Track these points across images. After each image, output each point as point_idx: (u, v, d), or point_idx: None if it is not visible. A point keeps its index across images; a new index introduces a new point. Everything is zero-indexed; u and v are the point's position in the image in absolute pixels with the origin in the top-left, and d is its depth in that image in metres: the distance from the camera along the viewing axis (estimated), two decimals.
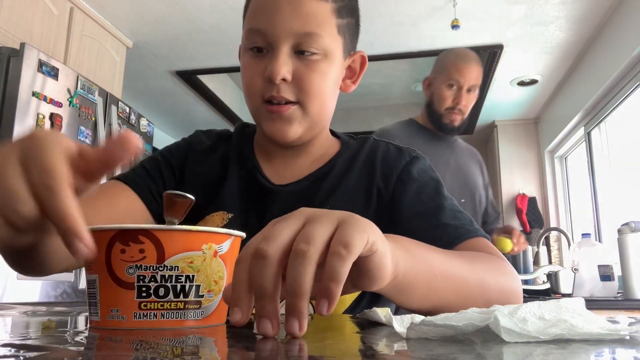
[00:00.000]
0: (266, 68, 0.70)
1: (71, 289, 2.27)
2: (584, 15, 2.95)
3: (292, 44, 0.70)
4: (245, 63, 0.74)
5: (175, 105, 4.37)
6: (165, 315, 0.43)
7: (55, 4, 2.61)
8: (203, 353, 0.34)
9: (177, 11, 2.96)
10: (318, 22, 0.70)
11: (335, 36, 0.72)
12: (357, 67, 0.81)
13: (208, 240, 0.45)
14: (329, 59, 0.72)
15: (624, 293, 2.14)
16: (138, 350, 0.34)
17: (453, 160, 1.88)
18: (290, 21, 0.68)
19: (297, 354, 0.33)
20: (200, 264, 0.44)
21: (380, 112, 4.74)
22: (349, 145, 0.83)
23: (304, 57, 0.70)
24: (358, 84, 0.83)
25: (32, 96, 2.11)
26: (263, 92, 0.71)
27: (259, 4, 0.72)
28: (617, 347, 0.33)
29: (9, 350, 0.33)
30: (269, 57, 0.70)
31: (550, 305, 0.37)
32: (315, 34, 0.69)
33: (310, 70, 0.70)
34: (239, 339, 0.43)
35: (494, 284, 0.61)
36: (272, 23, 0.69)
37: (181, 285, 0.44)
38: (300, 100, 0.71)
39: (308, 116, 0.73)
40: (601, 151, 3.48)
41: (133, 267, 0.43)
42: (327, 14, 0.71)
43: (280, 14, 0.69)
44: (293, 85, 0.70)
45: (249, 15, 0.73)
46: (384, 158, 0.80)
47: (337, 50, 0.73)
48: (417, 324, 0.36)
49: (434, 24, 3.09)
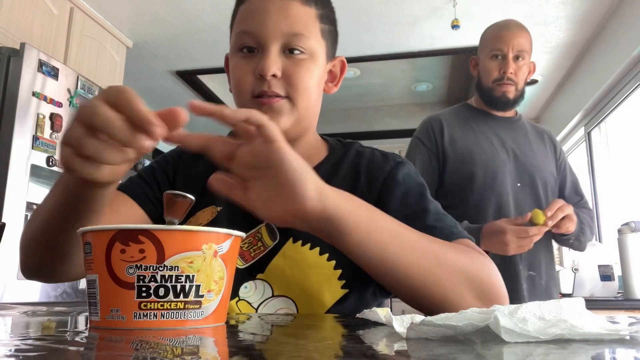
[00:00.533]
0: (257, 66, 0.75)
1: (71, 289, 2.27)
2: (584, 15, 2.95)
3: (281, 44, 0.75)
4: (236, 63, 0.78)
5: (175, 105, 4.32)
6: (165, 315, 0.43)
7: (55, 4, 2.61)
8: (203, 353, 0.34)
9: (177, 11, 2.96)
10: (304, 24, 0.76)
11: (319, 39, 0.79)
12: (337, 71, 0.87)
13: (208, 240, 0.45)
14: (314, 59, 0.78)
15: (624, 293, 2.14)
16: (138, 350, 0.34)
17: (511, 141, 1.71)
18: (280, 23, 0.75)
19: (297, 354, 0.33)
20: (201, 263, 0.44)
21: (380, 112, 4.73)
22: (334, 152, 0.86)
23: (292, 56, 0.76)
24: (358, 86, 0.86)
25: (32, 96, 2.11)
26: (253, 88, 0.76)
27: (249, 9, 0.78)
28: (617, 347, 0.33)
29: (9, 350, 0.33)
30: (259, 56, 0.76)
31: (550, 305, 0.37)
32: (302, 34, 0.76)
33: (298, 67, 0.76)
34: (239, 339, 0.43)
35: (454, 261, 0.64)
36: (262, 25, 0.75)
37: (181, 285, 0.44)
38: (289, 94, 0.76)
39: (296, 110, 0.77)
40: (601, 151, 3.48)
41: (133, 267, 0.43)
42: (312, 18, 0.78)
43: (270, 16, 0.75)
44: (282, 81, 0.75)
45: (238, 20, 0.80)
46: (369, 164, 0.83)
47: (321, 52, 0.80)
48: (417, 324, 0.36)
49: (434, 24, 3.09)
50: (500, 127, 1.74)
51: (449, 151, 1.66)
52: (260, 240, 0.77)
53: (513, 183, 1.66)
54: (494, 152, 1.67)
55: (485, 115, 1.74)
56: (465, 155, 1.65)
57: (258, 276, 0.75)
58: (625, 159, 3.17)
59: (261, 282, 0.75)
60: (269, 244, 0.76)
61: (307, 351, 0.35)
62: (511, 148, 1.69)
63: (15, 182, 2.02)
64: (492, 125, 1.73)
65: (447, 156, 1.66)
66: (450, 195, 1.64)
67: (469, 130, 1.70)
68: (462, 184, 1.64)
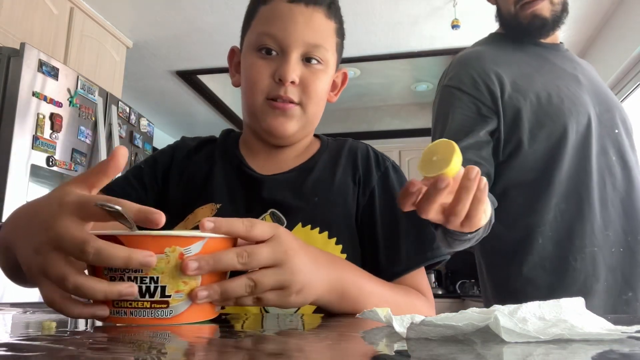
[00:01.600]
0: (276, 70, 0.77)
1: None
2: (584, 15, 2.95)
3: (302, 52, 0.78)
4: (253, 62, 0.79)
5: (175, 105, 4.37)
6: (134, 313, 0.47)
7: (55, 4, 2.61)
8: (204, 352, 0.34)
9: (177, 11, 2.96)
10: (325, 37, 0.80)
11: (333, 52, 0.83)
12: (339, 82, 0.91)
13: (171, 244, 0.47)
14: (327, 70, 0.82)
15: None
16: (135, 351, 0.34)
17: (580, 72, 1.22)
18: (304, 32, 0.77)
19: (297, 354, 0.33)
20: (164, 266, 0.47)
21: (380, 112, 4.73)
22: (328, 144, 0.90)
23: (309, 65, 0.79)
24: (358, 86, 0.88)
25: (32, 96, 2.11)
26: (269, 90, 0.78)
27: (274, 12, 0.79)
28: (617, 347, 0.33)
29: (9, 350, 0.33)
30: (278, 60, 0.78)
31: (550, 305, 0.37)
32: (322, 46, 0.79)
33: (314, 76, 0.79)
34: (239, 339, 0.43)
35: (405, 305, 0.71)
36: (287, 31, 0.77)
37: (146, 286, 0.46)
38: (302, 101, 0.79)
39: (305, 116, 0.81)
40: None
41: (107, 269, 0.47)
42: (331, 32, 0.81)
43: (297, 25, 0.77)
44: (298, 88, 0.78)
45: (260, 19, 0.81)
46: (364, 159, 0.85)
47: (333, 64, 0.84)
48: (417, 324, 0.36)
49: (434, 24, 3.09)
50: (554, 55, 1.24)
51: (516, 98, 1.11)
52: None
53: (610, 122, 1.16)
54: (578, 93, 1.15)
55: (528, 44, 1.24)
56: (546, 101, 1.11)
57: None
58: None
59: None
60: None
61: (306, 351, 0.35)
62: (586, 79, 1.20)
63: (15, 182, 2.02)
64: (544, 53, 1.23)
65: (516, 106, 1.10)
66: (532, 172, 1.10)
67: (517, 66, 1.18)
68: (552, 147, 1.09)
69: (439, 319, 0.36)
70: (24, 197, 2.05)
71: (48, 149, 2.16)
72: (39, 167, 2.12)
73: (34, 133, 2.10)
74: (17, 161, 2.03)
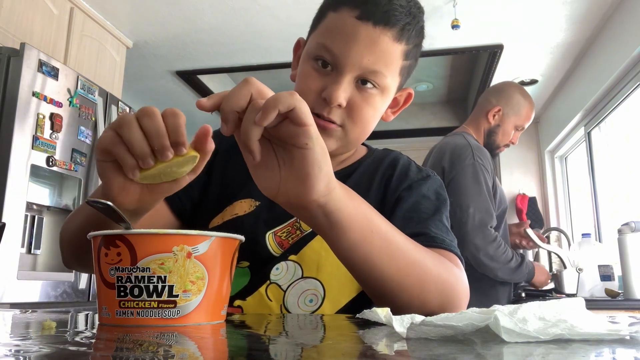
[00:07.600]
0: (325, 87, 0.73)
1: (71, 289, 2.27)
2: (584, 15, 2.94)
3: (357, 75, 0.73)
4: (306, 72, 0.76)
5: (175, 105, 4.34)
6: (142, 313, 0.46)
7: (55, 4, 2.61)
8: (205, 352, 0.34)
9: (177, 11, 2.96)
10: (387, 63, 0.73)
11: (395, 76, 0.77)
12: (401, 101, 0.86)
13: (179, 242, 0.47)
14: (384, 95, 0.76)
15: (624, 293, 2.14)
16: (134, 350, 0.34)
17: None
18: (364, 56, 0.72)
19: (297, 354, 0.33)
20: (172, 265, 0.46)
21: None
22: (374, 153, 0.88)
23: (363, 88, 0.74)
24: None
25: (32, 96, 2.11)
26: (313, 106, 0.73)
27: (339, 26, 0.74)
28: (617, 347, 0.33)
29: (9, 350, 0.33)
30: (331, 77, 0.73)
31: (550, 305, 0.37)
32: (381, 72, 0.73)
33: (365, 102, 0.74)
34: (238, 338, 0.43)
35: (433, 270, 0.64)
36: (346, 50, 0.72)
37: (154, 285, 0.46)
38: (345, 125, 0.75)
39: (346, 138, 0.77)
40: (601, 151, 3.48)
41: (113, 268, 0.47)
42: (397, 56, 0.74)
43: (357, 45, 0.71)
44: (344, 110, 0.74)
45: (324, 28, 0.76)
46: (403, 168, 0.84)
47: (393, 88, 0.78)
48: (417, 324, 0.36)
49: (434, 24, 3.09)
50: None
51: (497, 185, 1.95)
52: (299, 229, 0.78)
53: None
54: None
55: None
56: (502, 193, 1.98)
57: (290, 257, 0.76)
58: (625, 159, 3.17)
59: (292, 264, 0.76)
60: (306, 229, 0.77)
61: (306, 351, 0.35)
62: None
63: (15, 182, 2.02)
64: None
65: (496, 190, 1.92)
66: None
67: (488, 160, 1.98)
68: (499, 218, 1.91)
69: (439, 319, 0.36)
70: (24, 197, 2.05)
71: (48, 149, 2.16)
72: (39, 167, 2.12)
73: (34, 133, 2.10)
74: (17, 161, 2.03)
